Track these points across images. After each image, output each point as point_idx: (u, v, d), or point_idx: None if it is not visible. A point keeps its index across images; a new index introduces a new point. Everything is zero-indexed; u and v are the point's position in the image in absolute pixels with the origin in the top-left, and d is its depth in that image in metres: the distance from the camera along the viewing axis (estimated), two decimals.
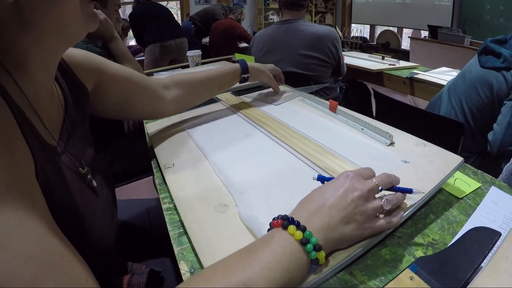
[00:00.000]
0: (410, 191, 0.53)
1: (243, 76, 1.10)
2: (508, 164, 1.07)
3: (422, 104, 2.32)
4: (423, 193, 0.53)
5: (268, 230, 0.47)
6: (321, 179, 0.54)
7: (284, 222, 0.43)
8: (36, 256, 0.35)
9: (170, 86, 0.95)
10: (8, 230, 0.35)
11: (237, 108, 1.12)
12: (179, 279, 0.75)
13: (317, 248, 0.42)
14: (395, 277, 0.46)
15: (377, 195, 0.50)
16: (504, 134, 1.32)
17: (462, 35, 3.32)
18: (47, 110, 0.57)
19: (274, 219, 0.46)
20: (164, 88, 0.93)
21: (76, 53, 0.72)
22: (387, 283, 0.45)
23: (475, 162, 1.50)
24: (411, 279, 0.45)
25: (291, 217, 0.44)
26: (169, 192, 0.71)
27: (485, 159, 1.48)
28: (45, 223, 0.39)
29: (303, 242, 0.42)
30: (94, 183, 0.64)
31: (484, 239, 0.49)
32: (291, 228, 0.42)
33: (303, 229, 0.43)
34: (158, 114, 0.97)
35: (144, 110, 0.91)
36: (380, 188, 0.50)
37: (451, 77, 1.79)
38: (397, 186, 0.53)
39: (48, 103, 0.59)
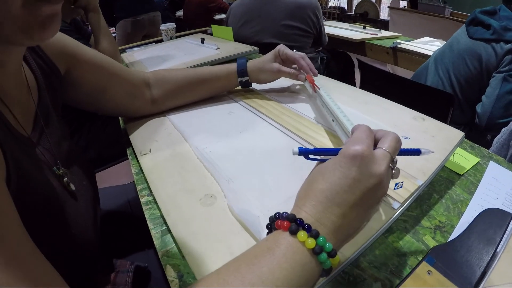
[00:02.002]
0: (418, 152, 0.45)
1: (240, 80, 0.91)
2: (498, 136, 1.06)
3: (401, 74, 2.30)
4: (433, 151, 0.45)
5: (268, 226, 0.40)
6: (304, 152, 0.42)
7: (292, 225, 0.35)
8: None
9: (151, 83, 0.85)
10: None
11: None
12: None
13: (331, 255, 0.35)
14: (411, 271, 0.42)
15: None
16: (493, 107, 1.31)
17: (443, 6, 3.28)
18: (17, 98, 0.51)
19: (277, 216, 0.38)
20: (145, 84, 0.84)
21: None
22: (404, 280, 0.40)
23: None
24: (429, 273, 0.41)
25: (300, 219, 0.36)
26: (147, 182, 0.63)
27: (472, 130, 1.48)
28: (15, 246, 0.33)
29: (316, 252, 0.34)
30: (72, 187, 0.57)
31: (496, 223, 0.47)
32: (301, 235, 0.34)
33: (316, 235, 0.34)
34: (134, 112, 0.86)
35: (119, 105, 0.82)
36: (395, 160, 0.41)
37: (436, 47, 1.77)
38: (403, 148, 0.44)
39: (16, 89, 0.52)
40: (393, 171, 0.41)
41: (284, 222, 0.36)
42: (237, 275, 0.32)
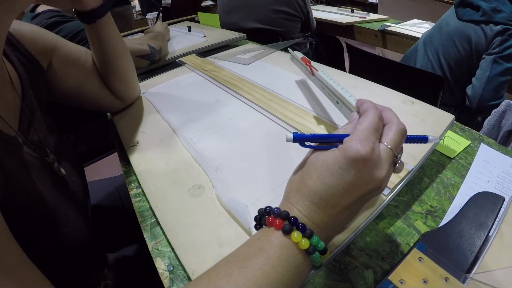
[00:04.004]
0: (425, 139, 0.40)
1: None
2: (489, 117, 1.07)
3: (391, 56, 2.29)
4: (438, 138, 0.42)
5: (256, 218, 0.38)
6: (300, 138, 0.38)
7: (285, 225, 0.33)
8: None
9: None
10: None
11: (204, 71, 1.03)
12: None
13: (323, 252, 0.34)
14: (402, 258, 0.41)
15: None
16: (484, 89, 1.31)
17: None
18: (0, 95, 0.50)
19: (267, 210, 0.36)
20: None
21: (27, 28, 0.63)
22: (395, 267, 0.40)
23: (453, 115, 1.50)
24: (420, 260, 0.40)
25: (294, 218, 0.34)
26: (135, 175, 0.62)
27: (462, 112, 1.48)
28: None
29: (310, 252, 0.33)
30: (63, 171, 0.56)
31: (488, 206, 0.46)
32: (295, 235, 0.32)
33: (310, 235, 0.33)
34: (122, 103, 0.84)
35: (101, 99, 0.79)
36: (398, 156, 0.37)
37: (424, 29, 1.76)
38: (410, 135, 0.40)
39: None
40: (397, 165, 0.37)
41: (277, 220, 0.34)
42: (229, 280, 0.31)
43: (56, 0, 0.56)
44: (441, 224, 0.48)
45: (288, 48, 0.95)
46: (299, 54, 0.81)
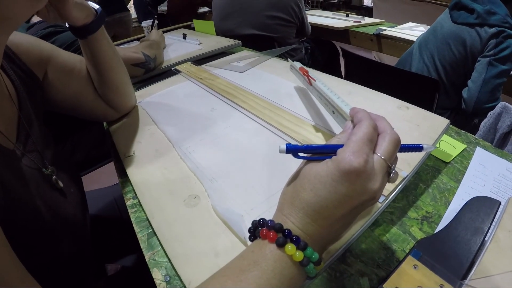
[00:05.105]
0: (419, 148, 0.40)
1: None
2: (485, 120, 1.07)
3: (387, 60, 2.29)
4: (433, 146, 0.42)
5: (250, 230, 0.38)
6: (293, 149, 0.37)
7: (279, 238, 0.33)
8: None
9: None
10: None
11: (199, 79, 1.03)
12: None
13: (317, 263, 0.34)
14: (397, 265, 0.41)
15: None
16: (480, 92, 1.31)
17: None
18: None
19: (261, 222, 0.36)
20: None
21: (22, 39, 0.64)
22: (389, 276, 0.40)
23: (449, 118, 1.49)
24: (415, 267, 0.40)
25: (288, 230, 0.34)
26: (132, 185, 0.62)
27: (458, 114, 1.49)
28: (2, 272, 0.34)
29: (304, 264, 0.33)
30: (61, 184, 0.57)
31: (484, 211, 0.46)
32: (289, 248, 0.32)
33: (304, 247, 0.33)
34: (117, 113, 0.84)
35: (96, 108, 0.79)
36: (392, 166, 0.36)
37: (419, 33, 1.76)
38: (404, 144, 0.39)
39: None
40: (391, 175, 0.36)
41: (271, 233, 0.34)
42: None
43: (45, 14, 0.56)
44: (437, 230, 0.48)
45: (288, 59, 0.96)
46: (297, 64, 0.82)
